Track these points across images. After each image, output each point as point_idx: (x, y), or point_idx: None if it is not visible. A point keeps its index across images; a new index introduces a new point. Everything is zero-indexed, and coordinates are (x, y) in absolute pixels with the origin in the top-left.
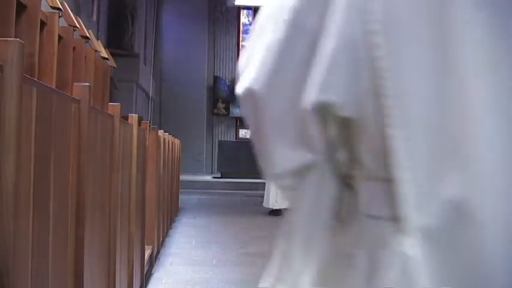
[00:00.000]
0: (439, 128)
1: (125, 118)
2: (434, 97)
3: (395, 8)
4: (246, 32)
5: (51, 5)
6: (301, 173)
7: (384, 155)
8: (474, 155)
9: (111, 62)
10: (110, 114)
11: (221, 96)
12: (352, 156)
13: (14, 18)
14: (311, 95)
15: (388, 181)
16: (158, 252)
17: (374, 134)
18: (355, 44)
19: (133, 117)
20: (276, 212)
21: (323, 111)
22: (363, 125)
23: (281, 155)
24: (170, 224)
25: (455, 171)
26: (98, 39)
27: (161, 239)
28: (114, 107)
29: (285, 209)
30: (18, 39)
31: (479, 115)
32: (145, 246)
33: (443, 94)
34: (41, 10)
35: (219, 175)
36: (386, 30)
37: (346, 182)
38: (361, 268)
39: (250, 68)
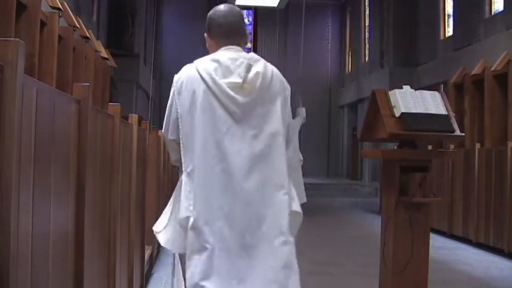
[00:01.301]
0: (193, 141)
1: (125, 118)
2: (190, 132)
3: (183, 104)
4: None
5: (51, 5)
6: (178, 162)
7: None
8: (195, 150)
9: (111, 62)
10: (110, 114)
11: None
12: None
13: (14, 18)
14: (167, 136)
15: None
16: (158, 252)
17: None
18: (176, 118)
19: (133, 117)
20: None
21: (175, 141)
22: (181, 145)
23: (172, 157)
24: None
25: (192, 157)
26: (98, 39)
27: None
28: (114, 107)
29: None
30: (18, 39)
31: (197, 139)
32: (145, 246)
33: (192, 132)
34: (41, 10)
35: None
36: (181, 114)
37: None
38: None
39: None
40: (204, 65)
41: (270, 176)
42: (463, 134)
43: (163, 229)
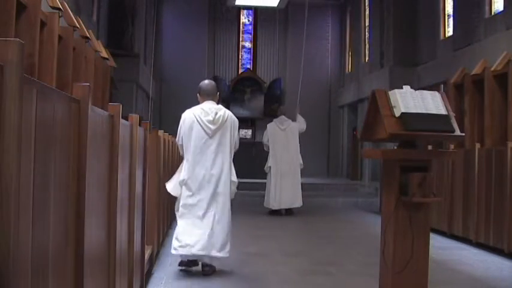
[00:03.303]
0: (190, 146)
1: (125, 118)
2: (188, 142)
3: (185, 129)
4: (246, 32)
5: (51, 5)
6: (183, 155)
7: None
8: (190, 150)
9: (111, 62)
10: (110, 114)
11: (221, 96)
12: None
13: (14, 18)
14: (178, 142)
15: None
16: (158, 252)
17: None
18: (182, 135)
19: (133, 117)
20: (275, 212)
21: (181, 145)
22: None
23: (181, 152)
24: (170, 224)
25: (188, 153)
26: (98, 39)
27: (161, 239)
28: (114, 107)
29: (285, 209)
30: (18, 39)
31: (192, 148)
32: (145, 246)
33: (189, 142)
34: (41, 10)
35: None
36: (184, 133)
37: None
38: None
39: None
40: (196, 111)
41: (223, 162)
42: (463, 134)
43: (169, 182)
